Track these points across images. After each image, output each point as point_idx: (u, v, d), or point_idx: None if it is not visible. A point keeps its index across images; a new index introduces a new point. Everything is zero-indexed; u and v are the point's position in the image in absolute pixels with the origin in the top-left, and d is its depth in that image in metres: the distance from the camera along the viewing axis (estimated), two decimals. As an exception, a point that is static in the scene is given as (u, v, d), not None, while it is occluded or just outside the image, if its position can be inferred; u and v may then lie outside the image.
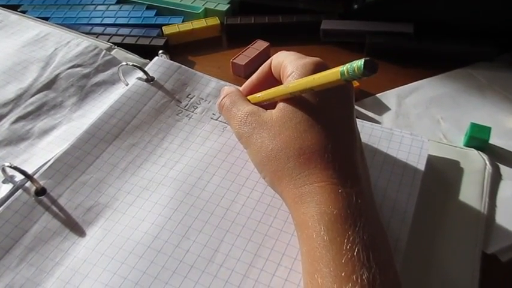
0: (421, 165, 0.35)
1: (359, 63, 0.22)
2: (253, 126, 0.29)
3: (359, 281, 0.22)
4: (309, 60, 0.29)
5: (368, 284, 0.22)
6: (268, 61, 0.33)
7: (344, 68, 0.23)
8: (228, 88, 0.34)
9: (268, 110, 0.30)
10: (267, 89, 0.31)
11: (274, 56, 0.32)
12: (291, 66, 0.29)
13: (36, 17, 0.55)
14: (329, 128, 0.27)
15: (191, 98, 0.41)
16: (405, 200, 0.32)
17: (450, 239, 0.32)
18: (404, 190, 0.33)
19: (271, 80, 0.32)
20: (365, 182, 0.27)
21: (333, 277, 0.22)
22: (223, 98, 0.33)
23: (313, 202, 0.25)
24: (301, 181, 0.26)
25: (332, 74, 0.24)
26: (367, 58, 0.21)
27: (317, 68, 0.28)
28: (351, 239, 0.23)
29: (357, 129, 0.29)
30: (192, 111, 0.40)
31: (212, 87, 0.43)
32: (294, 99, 0.28)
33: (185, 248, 0.30)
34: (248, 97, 0.33)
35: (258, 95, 0.32)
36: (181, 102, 0.41)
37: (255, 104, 0.32)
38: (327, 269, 0.23)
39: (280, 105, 0.29)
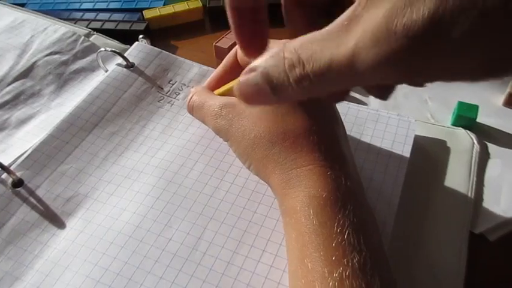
0: (408, 146, 0.34)
1: None
2: (229, 117, 0.28)
3: (350, 264, 0.22)
4: (280, 41, 0.28)
5: (359, 267, 0.22)
6: (233, 52, 0.31)
7: None
8: (194, 88, 0.32)
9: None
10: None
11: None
12: None
13: (12, 3, 0.53)
14: (310, 109, 0.26)
15: (173, 84, 0.40)
16: (392, 182, 0.32)
17: (438, 219, 0.32)
18: (391, 172, 0.33)
19: (238, 71, 0.31)
20: (351, 164, 0.27)
21: (323, 261, 0.22)
22: (191, 97, 0.31)
23: (301, 186, 0.24)
24: (287, 166, 0.25)
25: None
26: None
27: None
28: (341, 222, 0.23)
29: (337, 111, 0.29)
30: (174, 98, 0.39)
31: (195, 73, 0.41)
32: None
33: (168, 236, 0.29)
34: (215, 92, 0.31)
35: (228, 85, 0.30)
36: (162, 88, 0.40)
37: (226, 94, 0.30)
38: (317, 254, 0.22)
39: None
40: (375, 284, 0.21)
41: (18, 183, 0.32)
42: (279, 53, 0.17)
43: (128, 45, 0.45)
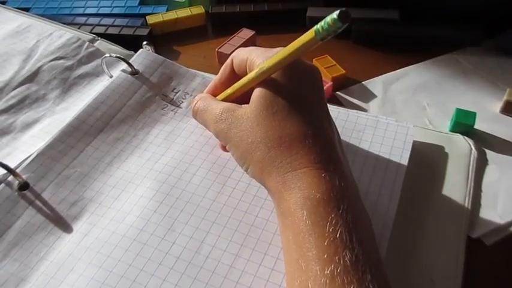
0: (407, 152, 0.35)
1: (332, 16, 0.22)
2: (229, 121, 0.29)
3: (341, 262, 0.22)
4: (278, 49, 0.29)
5: (351, 264, 0.22)
6: (229, 61, 0.32)
7: (317, 26, 0.23)
8: (197, 96, 0.33)
9: (243, 105, 0.29)
10: None
11: (233, 54, 0.31)
12: (260, 58, 0.28)
13: (17, 8, 0.53)
14: (306, 114, 0.27)
15: (177, 93, 0.41)
16: (390, 187, 0.32)
17: (436, 223, 0.32)
18: (389, 177, 0.33)
19: (235, 80, 0.31)
20: (346, 166, 0.27)
21: (315, 260, 0.23)
22: (196, 102, 0.32)
23: (296, 188, 0.25)
24: (283, 169, 0.26)
25: (307, 35, 0.24)
26: (340, 9, 0.21)
27: None
28: (333, 221, 0.23)
29: (331, 118, 0.29)
30: (178, 106, 0.40)
31: (198, 83, 0.42)
32: (268, 90, 0.27)
33: (171, 240, 0.30)
34: (217, 97, 0.32)
35: (229, 90, 0.31)
36: (166, 96, 0.41)
37: (226, 99, 0.31)
38: (310, 253, 0.23)
39: (255, 98, 0.28)
40: (366, 280, 0.22)
41: (24, 186, 0.32)
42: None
43: (132, 51, 0.46)
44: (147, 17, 0.52)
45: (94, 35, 0.49)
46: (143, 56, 0.42)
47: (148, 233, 0.30)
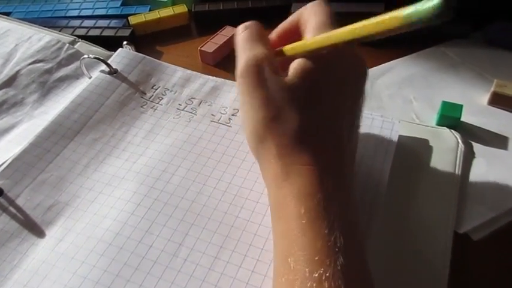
0: (392, 147, 0.34)
1: (435, 2, 0.17)
2: (256, 82, 0.26)
3: (332, 265, 0.21)
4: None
5: (341, 269, 0.21)
6: (296, 16, 0.30)
7: (409, 10, 0.19)
8: (251, 22, 0.31)
9: (280, 77, 0.26)
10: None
11: (300, 11, 0.29)
12: (311, 32, 0.27)
13: (-3, 12, 0.53)
14: (338, 113, 0.26)
15: (156, 89, 0.40)
16: (376, 182, 0.32)
17: (422, 218, 0.31)
18: (374, 172, 0.32)
19: (294, 36, 0.29)
20: (352, 174, 0.27)
21: (306, 261, 0.22)
22: (243, 31, 0.30)
23: (298, 183, 0.24)
24: (290, 159, 0.25)
25: (390, 19, 0.20)
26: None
27: None
28: (330, 224, 0.23)
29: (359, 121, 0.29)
30: (157, 103, 0.39)
31: (178, 77, 0.41)
32: (313, 73, 0.25)
33: (148, 243, 0.29)
34: (285, 48, 0.28)
35: (295, 45, 0.27)
36: (146, 93, 0.40)
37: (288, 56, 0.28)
38: (301, 253, 0.22)
39: (297, 75, 0.26)
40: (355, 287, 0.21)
41: (-2, 192, 0.32)
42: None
43: (113, 52, 0.45)
44: (129, 18, 0.52)
45: (75, 37, 0.48)
46: (122, 55, 0.42)
47: (125, 237, 0.29)
